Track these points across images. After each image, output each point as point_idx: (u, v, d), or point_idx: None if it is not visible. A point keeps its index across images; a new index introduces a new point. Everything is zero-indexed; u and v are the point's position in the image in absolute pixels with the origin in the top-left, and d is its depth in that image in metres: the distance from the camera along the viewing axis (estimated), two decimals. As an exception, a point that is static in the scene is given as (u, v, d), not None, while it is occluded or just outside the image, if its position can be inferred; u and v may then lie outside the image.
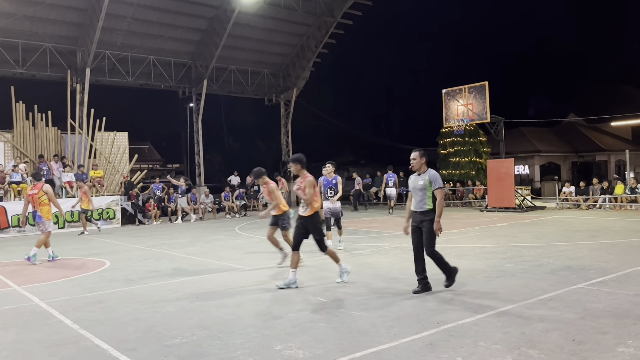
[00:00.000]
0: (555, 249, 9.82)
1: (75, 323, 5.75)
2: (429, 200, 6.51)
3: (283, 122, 30.58)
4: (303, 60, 29.09)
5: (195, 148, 28.17)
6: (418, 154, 6.67)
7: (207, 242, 13.02)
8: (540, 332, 4.87)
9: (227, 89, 28.45)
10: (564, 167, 34.17)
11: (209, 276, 8.42)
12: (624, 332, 4.78)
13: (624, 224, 14.03)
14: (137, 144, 36.71)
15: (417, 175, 6.68)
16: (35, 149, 19.95)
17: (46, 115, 20.30)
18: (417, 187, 6.61)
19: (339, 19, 27.51)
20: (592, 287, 6.63)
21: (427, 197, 6.51)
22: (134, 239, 14.24)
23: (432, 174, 6.56)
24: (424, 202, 6.52)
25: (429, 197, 6.51)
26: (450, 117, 22.73)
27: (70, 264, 10.25)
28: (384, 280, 7.53)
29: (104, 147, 21.45)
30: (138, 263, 10.06)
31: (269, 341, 4.90)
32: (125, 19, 22.83)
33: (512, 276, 7.46)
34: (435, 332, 4.99)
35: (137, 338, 5.19)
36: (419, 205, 6.58)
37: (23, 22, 20.82)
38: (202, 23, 24.74)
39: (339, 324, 5.35)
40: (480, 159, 26.55)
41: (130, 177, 21.40)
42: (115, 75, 24.24)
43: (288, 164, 29.56)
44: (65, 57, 22.40)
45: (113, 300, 6.87)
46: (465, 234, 12.95)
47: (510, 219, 16.59)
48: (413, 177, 6.74)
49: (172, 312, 6.16)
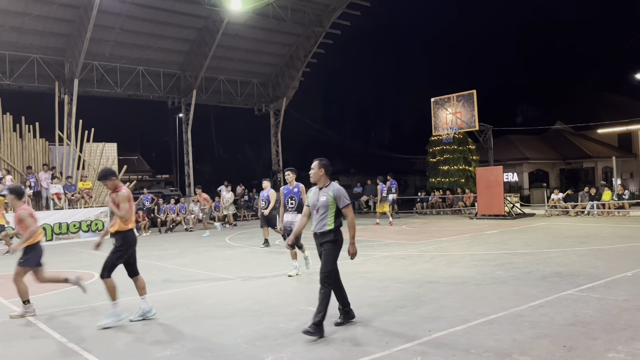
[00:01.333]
0: (544, 256, 9.87)
1: (63, 336, 5.68)
2: (330, 219, 5.57)
3: (273, 132, 30.60)
4: (292, 70, 29.18)
5: (184, 158, 28.10)
6: (317, 164, 5.70)
7: (197, 252, 12.91)
8: (531, 338, 4.89)
9: (217, 99, 28.45)
10: (552, 174, 34.44)
11: (199, 287, 8.36)
12: (614, 338, 4.81)
13: (611, 230, 14.15)
14: (126, 155, 36.44)
15: (319, 190, 5.71)
16: (22, 160, 19.76)
17: (34, 126, 20.14)
18: (319, 203, 5.62)
19: (328, 29, 27.67)
20: (581, 293, 6.66)
21: (330, 215, 5.57)
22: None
23: (336, 189, 5.62)
24: (324, 222, 5.59)
25: (331, 215, 5.57)
26: (439, 125, 22.87)
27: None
28: (374, 289, 7.52)
29: (93, 158, 21.30)
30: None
31: (260, 352, 4.87)
32: (114, 29, 22.80)
33: (502, 283, 7.49)
34: (427, 340, 4.99)
35: (127, 351, 5.14)
36: (319, 225, 5.62)
37: (10, 33, 20.72)
38: (191, 33, 24.76)
39: (331, 334, 5.33)
40: (469, 167, 26.67)
41: (119, 188, 21.23)
42: (104, 86, 24.14)
43: (278, 173, 29.57)
44: (53, 68, 22.29)
45: (103, 312, 6.79)
46: (456, 241, 12.99)
47: (500, 226, 16.67)
48: (314, 191, 5.79)
49: (161, 323, 6.11)
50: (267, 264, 10.54)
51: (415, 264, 9.66)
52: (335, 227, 5.58)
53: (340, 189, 5.66)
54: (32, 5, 20.18)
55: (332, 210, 5.57)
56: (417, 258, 10.38)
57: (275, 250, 12.70)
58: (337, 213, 5.58)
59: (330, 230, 5.56)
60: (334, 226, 5.57)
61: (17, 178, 18.89)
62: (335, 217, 5.58)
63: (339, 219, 5.61)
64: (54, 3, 20.24)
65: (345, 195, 5.60)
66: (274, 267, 9.93)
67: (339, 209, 5.58)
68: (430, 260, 9.95)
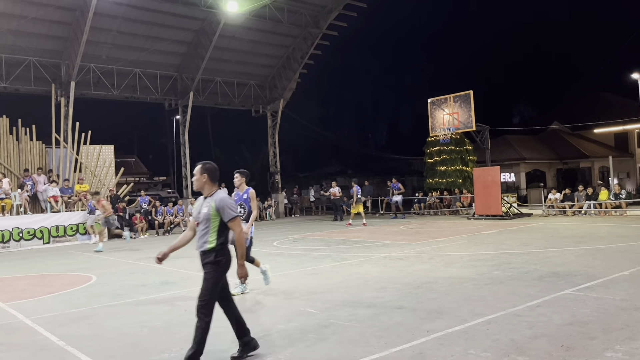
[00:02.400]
0: (542, 256, 9.89)
1: (61, 339, 5.67)
2: (212, 235, 4.64)
3: (270, 133, 30.57)
4: (289, 71, 29.17)
5: (182, 160, 28.03)
6: (199, 168, 4.80)
7: (195, 255, 12.86)
8: (529, 338, 4.89)
9: (214, 101, 28.41)
10: (549, 174, 34.52)
11: (196, 289, 8.32)
12: (612, 337, 4.82)
13: (608, 230, 14.19)
14: (123, 157, 36.40)
15: (203, 199, 4.81)
16: (19, 163, 19.72)
17: (30, 129, 20.10)
18: (200, 216, 4.71)
19: (324, 31, 27.67)
20: (579, 292, 6.68)
21: (211, 230, 4.64)
22: (120, 253, 14.07)
23: (219, 198, 4.66)
24: (205, 240, 4.66)
25: (213, 230, 4.64)
26: (437, 126, 22.90)
27: (56, 280, 10.11)
28: (373, 289, 7.52)
29: (90, 161, 21.27)
30: (125, 277, 9.95)
31: (258, 353, 4.87)
32: (110, 32, 22.76)
33: (500, 283, 7.50)
34: (425, 340, 4.99)
35: (125, 354, 5.13)
36: (199, 243, 4.71)
37: (6, 36, 20.66)
38: (187, 35, 24.74)
39: (329, 335, 5.33)
40: (466, 167, 26.72)
41: (117, 191, 21.23)
42: (101, 88, 24.09)
43: (275, 174, 29.57)
44: (50, 70, 22.24)
45: (100, 315, 6.79)
46: (453, 242, 13.00)
47: (497, 226, 16.70)
48: (199, 201, 4.88)
49: (159, 326, 6.10)
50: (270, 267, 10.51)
51: (413, 264, 9.67)
52: (218, 246, 4.63)
53: (225, 198, 4.69)
54: (28, 7, 20.13)
55: (215, 225, 4.64)
56: (415, 259, 10.39)
57: (273, 251, 12.70)
58: (221, 228, 4.65)
59: (212, 250, 4.63)
60: (216, 244, 4.63)
61: (14, 181, 18.84)
62: (219, 233, 4.65)
63: (223, 236, 4.68)
64: (51, 6, 20.19)
65: (231, 206, 4.66)
66: (272, 269, 9.91)
67: (223, 223, 4.64)
68: (428, 261, 9.96)
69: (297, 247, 13.37)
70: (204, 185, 4.76)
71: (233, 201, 4.76)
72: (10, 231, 16.72)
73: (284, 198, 29.37)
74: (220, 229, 4.65)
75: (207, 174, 4.76)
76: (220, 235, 4.65)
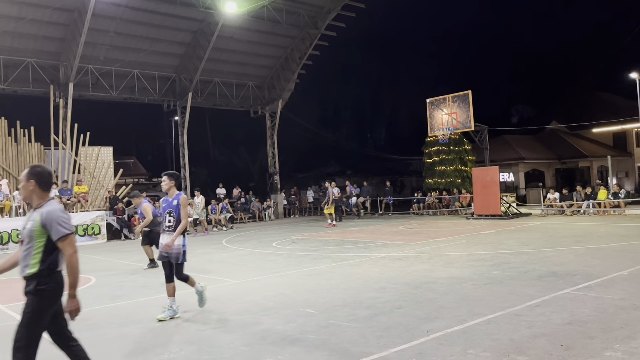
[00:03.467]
0: (541, 255, 9.90)
1: (60, 341, 5.65)
2: (34, 257, 3.70)
3: (269, 134, 30.56)
4: (287, 72, 29.17)
5: (181, 161, 28.04)
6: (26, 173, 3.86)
7: (195, 255, 12.85)
8: (528, 338, 4.90)
9: (212, 102, 28.40)
10: (547, 174, 34.55)
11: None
12: (611, 337, 4.82)
13: (607, 229, 14.20)
14: (122, 159, 36.41)
15: (32, 211, 3.86)
16: (18, 165, 19.70)
17: (29, 131, 20.09)
18: (24, 232, 3.79)
19: (323, 31, 27.68)
20: (578, 292, 6.68)
21: (34, 251, 3.70)
22: (120, 254, 14.08)
23: (47, 210, 3.73)
24: (27, 262, 3.71)
25: (37, 251, 3.70)
26: (435, 126, 22.91)
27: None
28: (372, 290, 7.52)
29: (88, 162, 21.25)
30: (124, 278, 9.95)
31: (258, 354, 4.87)
32: (108, 33, 22.74)
33: (499, 283, 7.50)
34: (425, 341, 4.99)
35: (124, 355, 5.13)
36: (21, 266, 3.75)
37: (4, 37, 20.65)
38: (186, 36, 24.73)
39: (329, 335, 5.33)
40: (465, 167, 26.75)
41: (116, 192, 21.21)
42: (99, 89, 24.08)
43: (274, 175, 29.53)
44: (48, 72, 22.22)
45: (99, 317, 6.78)
46: (453, 242, 13.01)
47: (497, 226, 16.71)
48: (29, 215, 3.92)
49: (159, 327, 6.10)
50: (263, 266, 10.52)
51: (412, 264, 9.67)
52: (42, 271, 3.69)
53: (55, 211, 3.74)
54: (26, 9, 20.11)
55: (40, 245, 3.71)
56: (414, 259, 10.39)
57: (273, 252, 12.70)
58: (47, 249, 3.71)
59: (33, 275, 3.68)
60: (38, 269, 3.68)
61: (12, 183, 18.82)
62: (44, 255, 3.70)
63: (50, 258, 3.73)
64: (48, 7, 20.17)
65: (61, 220, 3.71)
66: (271, 270, 9.93)
67: (51, 243, 3.72)
68: (427, 261, 9.96)
69: (296, 248, 13.37)
70: (32, 195, 3.82)
71: (65, 215, 3.79)
72: (9, 233, 16.71)
73: (282, 199, 29.36)
74: (46, 250, 3.71)
75: (35, 180, 3.81)
76: (45, 258, 3.70)
